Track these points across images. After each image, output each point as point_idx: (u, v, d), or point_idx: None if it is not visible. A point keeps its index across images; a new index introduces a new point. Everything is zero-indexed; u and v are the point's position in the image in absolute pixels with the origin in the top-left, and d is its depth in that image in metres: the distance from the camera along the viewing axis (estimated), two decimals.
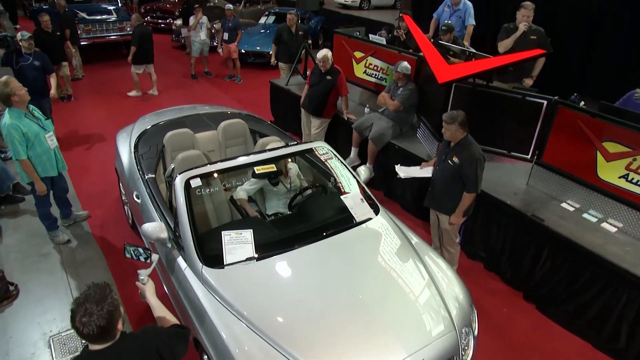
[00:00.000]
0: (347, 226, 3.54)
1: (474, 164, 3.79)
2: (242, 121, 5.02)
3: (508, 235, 4.41)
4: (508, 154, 4.78)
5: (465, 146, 3.87)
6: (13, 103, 4.17)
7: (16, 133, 4.13)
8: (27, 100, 4.28)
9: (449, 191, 4.01)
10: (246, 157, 3.83)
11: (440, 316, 2.94)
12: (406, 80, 5.38)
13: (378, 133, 5.52)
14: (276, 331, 2.73)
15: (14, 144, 4.16)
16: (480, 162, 3.81)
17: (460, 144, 3.89)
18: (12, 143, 4.16)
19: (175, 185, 3.47)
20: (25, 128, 4.20)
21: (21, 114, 4.23)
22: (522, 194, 4.53)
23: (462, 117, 3.79)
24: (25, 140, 4.20)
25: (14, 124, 4.14)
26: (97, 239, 4.91)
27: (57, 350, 3.61)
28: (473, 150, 3.84)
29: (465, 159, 3.82)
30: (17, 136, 4.14)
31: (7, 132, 4.13)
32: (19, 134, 4.14)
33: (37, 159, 4.34)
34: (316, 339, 2.72)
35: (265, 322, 2.77)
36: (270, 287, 3.04)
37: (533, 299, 4.24)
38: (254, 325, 2.75)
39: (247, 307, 2.85)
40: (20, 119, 4.20)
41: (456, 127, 3.81)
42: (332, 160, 4.11)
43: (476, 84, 4.69)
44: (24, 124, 4.21)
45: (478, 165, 3.80)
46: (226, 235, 3.24)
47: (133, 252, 2.72)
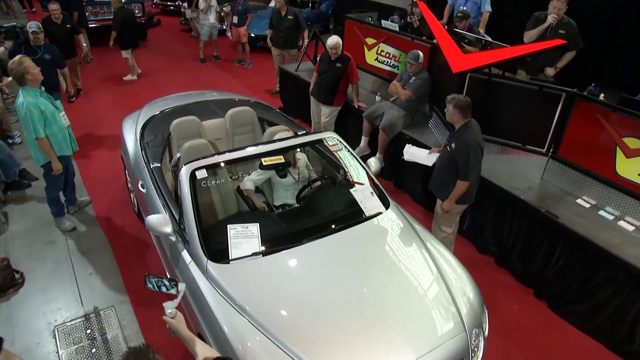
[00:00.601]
0: (356, 221, 3.44)
1: (466, 151, 3.71)
2: (250, 109, 4.92)
3: (520, 231, 4.30)
4: (523, 147, 4.63)
5: (463, 133, 3.77)
6: (27, 82, 4.15)
7: (35, 111, 4.12)
8: (40, 79, 4.27)
9: (445, 177, 3.95)
10: (253, 147, 3.73)
11: (451, 317, 2.86)
12: (419, 68, 5.22)
13: (389, 122, 5.39)
14: (280, 329, 2.67)
15: (34, 122, 4.14)
16: (473, 150, 3.70)
17: (459, 130, 3.81)
18: (31, 121, 4.13)
19: (181, 176, 3.40)
20: (43, 106, 4.20)
21: (37, 92, 4.23)
22: (536, 188, 4.41)
23: (460, 101, 3.70)
24: (43, 118, 4.20)
25: (33, 102, 4.13)
26: (102, 227, 4.87)
27: (62, 341, 3.59)
28: (468, 137, 3.73)
29: (460, 145, 3.75)
30: (37, 114, 4.13)
31: (26, 111, 4.10)
32: (37, 112, 4.14)
33: (53, 137, 4.34)
34: (321, 338, 2.66)
35: (269, 320, 2.71)
36: (276, 283, 2.97)
37: (544, 297, 4.14)
38: (258, 322, 2.69)
39: (252, 303, 2.79)
40: (37, 98, 4.20)
41: (452, 109, 3.74)
42: (341, 151, 4.01)
43: (492, 75, 4.53)
44: (41, 102, 4.21)
45: (470, 153, 3.69)
46: (232, 229, 3.17)
47: (155, 284, 2.36)
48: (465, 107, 3.71)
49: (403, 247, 3.29)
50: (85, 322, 3.76)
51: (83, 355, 3.48)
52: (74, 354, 3.49)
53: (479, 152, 3.75)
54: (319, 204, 3.76)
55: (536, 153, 4.60)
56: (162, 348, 3.48)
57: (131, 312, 3.85)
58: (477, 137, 3.77)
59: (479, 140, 3.77)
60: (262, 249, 3.10)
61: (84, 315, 3.82)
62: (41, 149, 4.30)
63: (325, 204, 3.75)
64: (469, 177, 3.78)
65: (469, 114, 3.76)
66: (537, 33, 5.36)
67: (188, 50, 11.27)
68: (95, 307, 3.89)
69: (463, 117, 3.75)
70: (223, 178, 3.94)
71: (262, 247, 3.10)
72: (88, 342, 3.59)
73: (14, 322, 3.74)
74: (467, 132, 3.76)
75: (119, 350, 3.53)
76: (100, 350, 3.53)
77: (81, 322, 3.76)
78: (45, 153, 4.33)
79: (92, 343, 3.58)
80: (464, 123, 3.78)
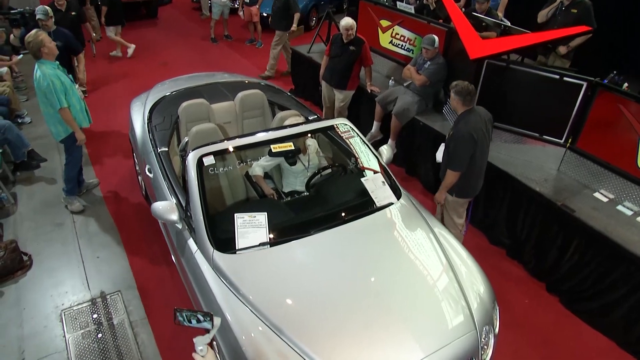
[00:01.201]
0: (366, 211, 3.36)
1: (455, 140, 3.65)
2: (261, 92, 4.81)
3: (535, 223, 4.19)
4: (540, 137, 4.48)
5: (460, 121, 3.69)
6: (43, 55, 4.15)
7: (57, 82, 4.16)
8: (56, 53, 4.29)
9: (445, 166, 3.85)
10: (263, 133, 3.64)
11: (461, 314, 2.79)
12: (434, 53, 5.05)
13: (402, 108, 5.26)
14: (286, 322, 2.61)
15: (57, 93, 4.16)
16: (463, 139, 3.59)
17: (458, 118, 3.73)
18: (54, 92, 4.15)
19: (188, 162, 3.33)
20: (62, 78, 4.25)
21: (54, 65, 4.25)
22: (553, 180, 4.28)
23: (461, 87, 3.61)
24: (63, 89, 4.23)
25: (53, 73, 4.17)
26: (110, 209, 4.85)
27: (69, 325, 3.59)
28: (461, 126, 3.64)
29: (453, 133, 3.69)
30: (58, 85, 4.17)
31: (48, 82, 4.11)
32: (59, 83, 4.18)
33: (72, 108, 4.37)
34: (327, 332, 2.60)
35: (274, 312, 2.66)
36: (283, 275, 2.91)
37: (557, 292, 4.05)
38: (262, 314, 2.64)
39: (257, 295, 2.74)
40: (55, 70, 4.22)
41: (453, 96, 3.67)
42: (353, 138, 3.90)
43: (510, 62, 4.36)
44: (59, 74, 4.24)
45: (459, 143, 3.61)
46: (239, 218, 3.10)
47: (186, 318, 2.09)
48: (465, 94, 3.60)
49: (413, 241, 3.21)
50: (91, 306, 3.76)
51: (89, 341, 3.48)
52: (80, 338, 3.49)
53: (470, 143, 3.60)
54: (328, 193, 3.68)
55: (553, 144, 4.45)
56: (166, 336, 3.51)
57: (137, 298, 3.84)
58: (472, 128, 3.60)
59: (474, 131, 3.59)
60: (270, 239, 3.04)
61: (91, 299, 3.82)
62: (64, 120, 4.32)
63: (335, 192, 3.67)
64: (455, 167, 3.69)
65: (470, 102, 3.65)
66: (547, 12, 5.16)
67: (199, 29, 11.11)
68: (102, 292, 3.88)
69: (463, 104, 3.65)
70: (231, 164, 3.87)
71: (269, 238, 3.04)
72: (94, 327, 3.59)
73: (22, 305, 3.75)
74: (463, 121, 3.66)
75: (125, 336, 3.52)
76: (106, 335, 3.53)
77: (88, 306, 3.76)
78: (68, 123, 4.36)
79: (98, 328, 3.58)
80: (464, 111, 3.68)
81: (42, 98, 4.25)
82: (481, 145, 3.67)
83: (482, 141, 3.67)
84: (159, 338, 3.51)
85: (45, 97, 4.22)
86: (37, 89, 4.25)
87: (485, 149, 3.78)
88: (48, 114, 4.34)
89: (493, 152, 4.58)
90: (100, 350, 3.42)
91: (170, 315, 3.49)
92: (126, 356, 3.38)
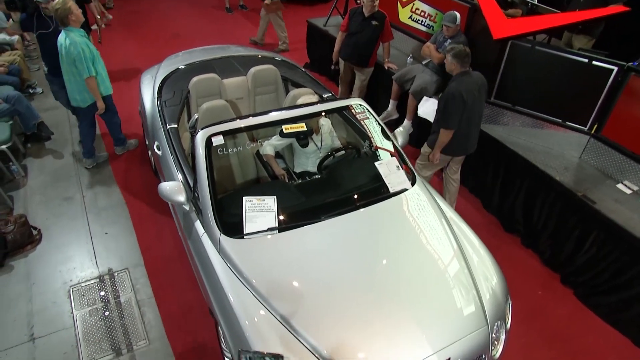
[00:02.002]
0: (379, 197, 3.25)
1: (445, 98, 3.81)
2: (274, 68, 4.66)
3: (552, 213, 4.06)
4: (562, 123, 4.29)
5: (453, 82, 3.84)
6: (70, 22, 4.18)
7: (87, 50, 4.25)
8: (82, 20, 4.34)
9: (435, 125, 4.05)
10: (274, 113, 3.50)
11: (473, 309, 2.70)
12: (455, 31, 4.83)
13: (420, 87, 5.07)
14: (291, 310, 2.56)
15: (87, 60, 4.25)
16: (450, 97, 3.76)
17: (452, 79, 3.87)
18: (84, 59, 4.23)
19: (196, 142, 3.23)
20: (90, 46, 4.32)
21: (81, 32, 4.30)
22: (574, 169, 4.11)
23: (459, 51, 3.73)
24: (92, 57, 4.32)
25: (85, 41, 4.25)
26: (119, 184, 4.81)
27: (77, 301, 3.60)
28: (453, 85, 3.79)
29: (445, 92, 3.84)
30: (88, 53, 4.26)
31: (79, 50, 4.18)
32: (88, 51, 4.26)
33: (98, 76, 4.47)
34: (333, 324, 2.54)
35: (280, 299, 2.61)
36: (291, 262, 2.83)
37: (571, 284, 3.95)
38: (268, 302, 2.59)
39: (264, 282, 2.68)
40: (83, 38, 4.28)
41: (450, 59, 3.80)
42: (368, 120, 3.76)
43: (536, 43, 4.14)
44: (87, 42, 4.30)
45: (446, 100, 3.79)
46: (248, 202, 3.02)
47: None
48: (463, 56, 3.74)
49: (425, 231, 3.10)
50: (99, 283, 3.76)
51: (96, 318, 3.49)
52: (87, 316, 3.50)
53: (459, 102, 3.73)
54: (340, 176, 3.56)
55: (576, 130, 4.26)
56: (172, 316, 3.50)
57: (145, 276, 3.82)
58: (465, 89, 3.74)
59: (466, 92, 3.74)
60: (278, 224, 2.96)
61: (98, 276, 3.81)
62: (90, 88, 4.42)
63: (347, 176, 3.55)
64: (446, 125, 3.84)
65: (467, 64, 3.79)
66: None
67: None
68: (109, 269, 3.88)
69: (461, 66, 3.77)
70: (241, 144, 3.78)
71: (278, 223, 2.96)
72: (102, 304, 3.59)
73: (32, 280, 3.76)
74: (456, 81, 3.79)
75: (131, 315, 3.52)
76: (113, 313, 3.53)
77: (95, 283, 3.76)
78: (93, 92, 4.46)
79: (105, 306, 3.58)
80: (460, 72, 3.81)
81: (69, 66, 4.31)
82: (471, 108, 3.79)
83: (473, 104, 3.79)
84: (165, 318, 3.51)
85: (73, 66, 4.28)
86: (66, 56, 4.26)
87: (475, 112, 3.91)
88: (75, 82, 4.41)
89: (512, 138, 4.44)
90: (107, 328, 3.42)
91: (177, 294, 3.49)
92: (132, 335, 3.39)
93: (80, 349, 3.28)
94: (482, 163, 4.66)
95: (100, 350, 3.29)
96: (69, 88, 4.50)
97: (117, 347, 3.31)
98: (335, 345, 2.44)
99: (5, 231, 3.91)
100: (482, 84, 3.89)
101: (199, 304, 3.51)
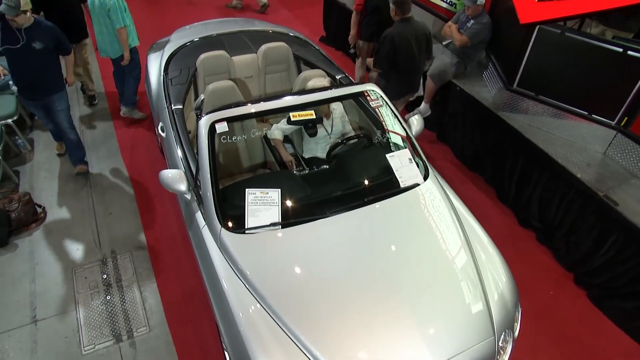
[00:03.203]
0: (388, 193, 3.09)
1: (380, 41, 4.19)
2: (286, 46, 4.44)
3: (570, 210, 3.87)
4: (588, 115, 4.03)
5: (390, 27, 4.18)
6: None
7: (120, 0, 4.55)
8: None
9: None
10: (283, 99, 3.31)
11: (480, 319, 2.58)
12: (478, 11, 4.53)
13: (438, 70, 4.82)
14: (288, 311, 2.47)
15: (121, 12, 4.55)
16: (385, 40, 4.10)
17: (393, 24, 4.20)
18: (120, 11, 4.52)
19: (200, 128, 3.09)
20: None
21: None
22: (597, 165, 3.89)
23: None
24: (124, 7, 4.63)
25: None
26: (125, 161, 4.73)
27: (79, 284, 3.59)
28: (389, 29, 4.12)
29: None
30: (122, 3, 4.58)
31: (115, 0, 4.46)
32: (122, 1, 4.58)
33: (128, 27, 4.72)
34: (331, 328, 2.43)
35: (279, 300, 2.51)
36: (292, 260, 2.72)
37: (585, 286, 3.80)
38: (266, 301, 2.49)
39: (263, 281, 2.58)
40: None
41: (392, 6, 4.14)
42: (382, 108, 3.57)
43: (566, 29, 3.84)
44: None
45: (381, 43, 4.14)
46: (251, 194, 2.89)
47: None
48: (402, 3, 4.04)
49: (435, 232, 2.95)
50: (102, 266, 3.73)
51: (98, 302, 3.47)
52: (89, 299, 3.48)
53: (389, 45, 4.06)
54: (349, 167, 3.40)
55: (603, 124, 4.00)
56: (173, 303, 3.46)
57: (147, 260, 3.78)
58: (397, 33, 4.06)
59: (398, 35, 4.04)
60: (282, 219, 2.83)
61: (102, 259, 3.78)
62: (121, 39, 4.66)
63: (356, 167, 3.38)
64: (375, 65, 4.27)
65: (408, 11, 4.09)
66: None
67: None
68: (112, 251, 3.84)
69: (401, 13, 4.08)
70: (247, 130, 3.63)
71: (281, 218, 2.84)
72: (104, 288, 3.57)
73: (35, 260, 3.75)
74: (393, 27, 4.13)
75: (132, 300, 3.49)
76: (114, 298, 3.51)
77: (98, 265, 3.73)
78: (123, 43, 4.70)
79: (107, 289, 3.56)
80: (399, 19, 4.12)
81: (102, 18, 4.52)
82: (405, 52, 4.11)
83: (407, 49, 4.10)
84: (166, 304, 3.47)
85: (107, 17, 4.49)
86: (99, 7, 4.45)
87: (412, 58, 4.21)
88: (107, 34, 4.66)
89: (533, 129, 4.21)
90: (108, 313, 3.41)
91: (179, 280, 3.40)
92: (133, 321, 3.36)
93: (82, 333, 3.27)
94: (500, 153, 4.45)
95: (101, 335, 3.27)
96: (99, 40, 4.72)
97: (117, 333, 3.29)
98: (335, 353, 2.36)
99: (10, 209, 3.88)
100: (423, 34, 4.20)
101: (201, 290, 3.44)
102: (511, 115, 4.36)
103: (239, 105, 3.19)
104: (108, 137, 5.04)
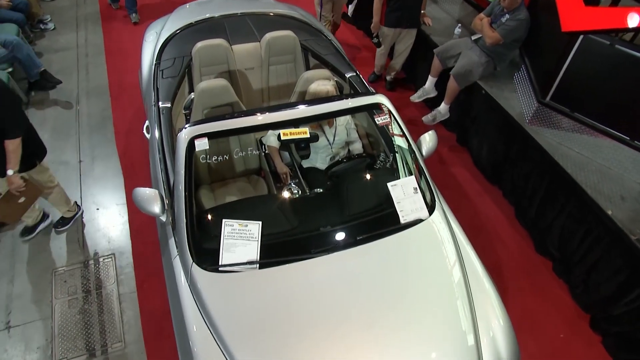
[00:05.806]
0: (385, 230, 2.73)
1: None
2: (293, 35, 3.99)
3: (595, 248, 3.45)
4: (630, 141, 3.52)
5: None
6: None
7: None
8: None
9: None
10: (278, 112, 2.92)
11: None
12: (515, 4, 3.94)
13: (464, 69, 4.31)
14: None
15: None
16: None
17: None
18: None
19: (178, 142, 2.77)
20: None
21: None
22: (633, 200, 3.41)
23: None
24: None
25: None
26: (119, 151, 4.47)
27: (58, 288, 3.44)
28: None
29: None
30: None
31: None
32: None
33: None
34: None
35: (247, 355, 2.26)
36: (267, 308, 2.42)
37: (601, 331, 3.44)
38: (232, 354, 2.25)
39: (233, 329, 2.33)
40: None
41: None
42: (389, 125, 3.16)
43: (617, 41, 3.27)
44: None
45: None
46: (228, 226, 2.60)
47: None
48: None
49: (437, 279, 2.60)
50: (83, 269, 3.56)
51: (75, 310, 3.33)
52: (66, 307, 3.34)
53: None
54: (345, 195, 3.02)
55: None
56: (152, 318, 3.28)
57: (130, 265, 3.59)
58: None
59: None
60: (261, 257, 2.54)
61: (83, 261, 3.61)
62: None
63: (353, 195, 3.01)
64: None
65: None
66: None
67: None
68: (95, 253, 3.67)
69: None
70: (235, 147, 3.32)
71: (261, 256, 2.55)
72: (82, 294, 3.42)
73: (16, 258, 3.61)
74: None
75: (110, 311, 3.33)
76: (92, 306, 3.36)
77: (79, 268, 3.57)
78: None
79: (85, 297, 3.40)
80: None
81: None
82: None
83: None
84: (145, 318, 3.30)
85: None
86: None
87: None
88: None
89: (563, 148, 3.72)
90: (84, 323, 3.26)
91: (160, 290, 3.15)
92: (109, 335, 3.22)
93: (54, 345, 3.15)
94: (524, 168, 4.00)
95: (74, 348, 3.14)
96: None
97: (91, 347, 3.15)
98: None
99: None
100: None
101: None
102: (540, 130, 3.87)
103: (225, 119, 2.85)
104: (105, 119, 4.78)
